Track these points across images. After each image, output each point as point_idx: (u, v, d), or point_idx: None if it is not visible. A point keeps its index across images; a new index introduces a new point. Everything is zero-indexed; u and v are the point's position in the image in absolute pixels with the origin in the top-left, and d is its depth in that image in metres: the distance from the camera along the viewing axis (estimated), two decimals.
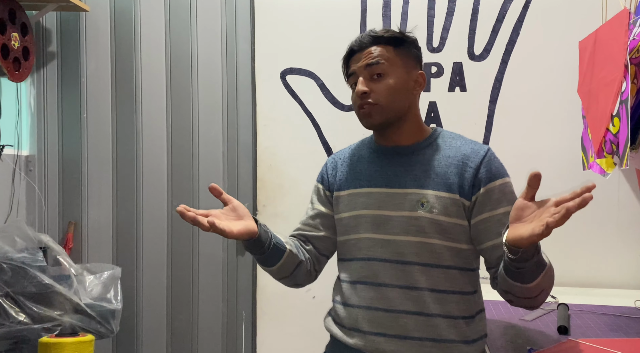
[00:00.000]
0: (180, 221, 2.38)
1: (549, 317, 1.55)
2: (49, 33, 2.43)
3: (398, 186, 1.20)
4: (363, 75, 1.21)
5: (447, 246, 1.17)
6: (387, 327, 1.17)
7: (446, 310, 1.16)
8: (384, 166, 1.24)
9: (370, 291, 1.19)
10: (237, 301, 2.37)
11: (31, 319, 1.90)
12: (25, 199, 2.39)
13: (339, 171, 1.31)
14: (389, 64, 1.21)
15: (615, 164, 1.62)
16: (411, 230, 1.17)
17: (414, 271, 1.16)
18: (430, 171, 1.19)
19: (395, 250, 1.17)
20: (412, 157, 1.22)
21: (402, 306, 1.16)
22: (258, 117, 2.34)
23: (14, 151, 2.32)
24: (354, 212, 1.24)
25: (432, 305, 1.16)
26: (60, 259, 2.10)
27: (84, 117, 2.42)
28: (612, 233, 2.06)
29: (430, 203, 1.16)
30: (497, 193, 1.16)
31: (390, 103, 1.20)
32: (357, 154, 1.31)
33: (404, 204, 1.18)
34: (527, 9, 2.14)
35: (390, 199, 1.20)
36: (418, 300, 1.16)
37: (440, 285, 1.16)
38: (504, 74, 2.17)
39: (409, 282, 1.16)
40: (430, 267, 1.16)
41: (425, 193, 1.17)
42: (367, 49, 1.22)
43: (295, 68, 2.31)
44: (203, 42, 2.36)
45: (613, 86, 1.55)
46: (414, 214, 1.17)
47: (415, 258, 1.16)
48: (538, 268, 1.03)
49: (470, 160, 1.18)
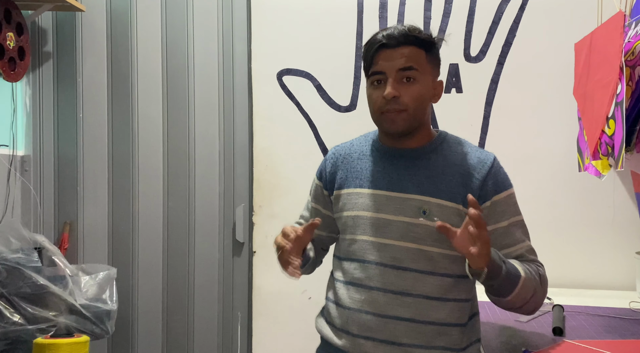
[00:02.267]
0: (176, 221, 2.38)
1: (544, 318, 1.56)
2: (44, 33, 2.42)
3: (400, 190, 1.18)
4: (393, 77, 1.14)
5: (445, 254, 1.16)
6: (376, 331, 1.16)
7: (438, 318, 1.16)
8: (386, 167, 1.22)
9: (362, 294, 1.18)
10: (233, 302, 2.36)
11: (26, 320, 1.89)
12: (21, 200, 2.38)
13: (340, 168, 1.28)
14: (420, 71, 1.15)
15: (610, 166, 1.62)
16: (409, 236, 1.16)
17: (409, 278, 1.15)
18: (434, 178, 1.17)
19: (391, 255, 1.17)
20: (416, 161, 1.20)
21: (393, 311, 1.15)
22: (254, 117, 2.34)
23: (9, 151, 2.31)
24: (353, 212, 1.22)
25: (424, 312, 1.15)
26: (55, 259, 2.10)
27: (79, 117, 2.41)
28: (607, 235, 2.07)
29: (431, 211, 1.15)
30: (502, 205, 1.16)
31: (416, 111, 1.15)
32: (359, 151, 1.28)
33: (405, 209, 1.17)
34: (524, 10, 2.15)
35: (391, 203, 1.18)
36: (410, 307, 1.15)
37: (434, 292, 1.16)
38: (500, 76, 2.17)
39: (402, 288, 1.15)
40: (425, 274, 1.16)
41: (428, 200, 1.16)
42: (399, 47, 1.14)
43: (292, 69, 2.31)
44: (199, 43, 2.35)
45: (608, 88, 1.56)
46: (414, 220, 1.16)
47: (412, 264, 1.15)
48: (510, 282, 1.06)
49: (476, 171, 1.17)
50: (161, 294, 2.39)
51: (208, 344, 2.36)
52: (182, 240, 2.38)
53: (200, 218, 2.36)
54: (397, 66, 1.14)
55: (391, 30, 1.16)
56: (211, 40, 2.35)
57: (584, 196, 2.08)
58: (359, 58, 2.26)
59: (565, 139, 2.07)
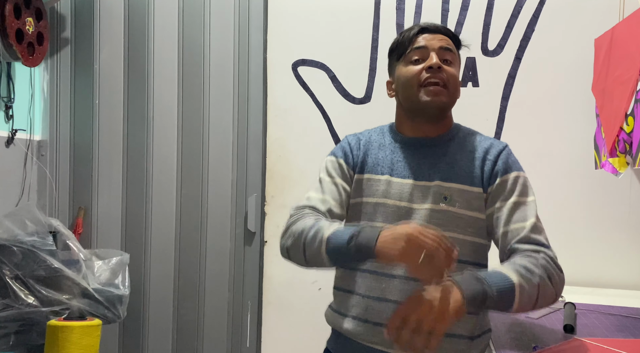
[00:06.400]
0: (188, 209, 2.39)
1: (556, 316, 1.55)
2: (63, 19, 2.44)
3: (421, 178, 1.20)
4: (436, 52, 1.20)
5: (466, 240, 1.17)
6: None
7: None
8: (407, 156, 1.23)
9: (382, 282, 1.18)
10: (244, 290, 2.38)
11: (40, 302, 1.92)
12: (37, 184, 2.41)
13: (362, 152, 1.28)
14: (456, 57, 1.24)
15: (627, 163, 1.60)
16: (432, 222, 1.15)
17: None
18: (454, 165, 1.20)
19: None
20: (435, 149, 1.22)
21: None
22: (269, 108, 2.34)
23: (26, 136, 2.34)
24: (374, 199, 1.21)
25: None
26: (69, 244, 2.12)
27: (95, 103, 2.43)
28: (623, 233, 2.05)
29: (452, 196, 1.17)
30: (510, 184, 1.17)
31: (454, 92, 1.22)
32: (378, 141, 1.28)
33: (427, 197, 1.18)
34: (543, 4, 2.12)
35: (413, 191, 1.19)
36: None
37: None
38: (517, 71, 2.14)
39: None
40: None
41: (449, 186, 1.17)
42: (438, 33, 1.22)
43: (307, 60, 2.30)
44: (216, 32, 2.36)
45: (628, 85, 1.53)
46: (436, 207, 1.17)
47: None
48: (502, 299, 1.02)
49: (489, 153, 1.20)
50: (172, 281, 2.41)
51: (218, 332, 2.39)
52: (194, 228, 2.39)
53: (213, 207, 2.38)
54: (439, 44, 1.20)
55: (429, 22, 1.25)
56: (227, 30, 2.35)
57: (600, 193, 2.05)
58: (375, 50, 2.25)
59: (582, 136, 2.05)
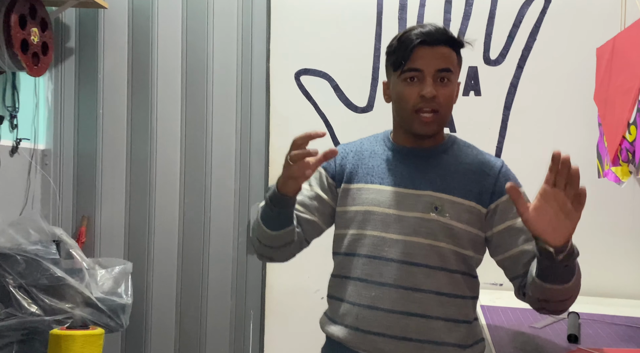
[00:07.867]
0: (191, 218, 2.40)
1: (559, 325, 1.54)
2: (67, 29, 2.46)
3: (412, 187, 1.19)
4: (432, 76, 1.15)
5: (455, 251, 1.17)
6: (387, 327, 1.16)
7: (448, 314, 1.16)
8: (399, 165, 1.23)
9: (372, 290, 1.18)
10: (246, 299, 2.37)
11: (43, 311, 1.92)
12: (41, 193, 2.42)
13: (349, 162, 1.27)
14: (453, 72, 1.17)
15: (630, 172, 1.60)
16: (422, 231, 1.16)
17: (420, 273, 1.16)
18: (447, 176, 1.19)
19: (403, 251, 1.17)
20: (428, 160, 1.22)
21: (404, 307, 1.16)
22: (271, 116, 2.34)
23: (30, 145, 2.35)
24: (363, 207, 1.21)
25: (434, 308, 1.15)
26: (72, 252, 2.13)
27: (99, 113, 2.44)
28: (626, 242, 2.04)
29: (444, 207, 1.16)
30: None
31: (446, 113, 1.19)
32: (370, 150, 1.28)
33: (417, 205, 1.18)
34: (545, 14, 2.13)
35: (403, 199, 1.19)
36: (421, 302, 1.15)
37: (444, 288, 1.16)
38: (519, 80, 2.15)
39: (413, 284, 1.16)
40: (436, 270, 1.16)
41: (440, 196, 1.17)
42: (437, 46, 1.15)
43: (309, 69, 2.32)
44: (219, 41, 2.37)
45: (630, 94, 1.53)
46: (426, 216, 1.16)
47: (423, 260, 1.16)
48: (573, 264, 1.06)
49: (489, 169, 1.19)
50: (175, 290, 2.41)
51: (220, 341, 2.38)
52: (197, 237, 2.40)
53: (216, 216, 2.38)
54: (436, 66, 1.15)
55: (429, 28, 1.16)
56: (230, 39, 2.37)
57: (603, 202, 2.05)
58: (377, 59, 2.26)
59: (585, 145, 2.05)
